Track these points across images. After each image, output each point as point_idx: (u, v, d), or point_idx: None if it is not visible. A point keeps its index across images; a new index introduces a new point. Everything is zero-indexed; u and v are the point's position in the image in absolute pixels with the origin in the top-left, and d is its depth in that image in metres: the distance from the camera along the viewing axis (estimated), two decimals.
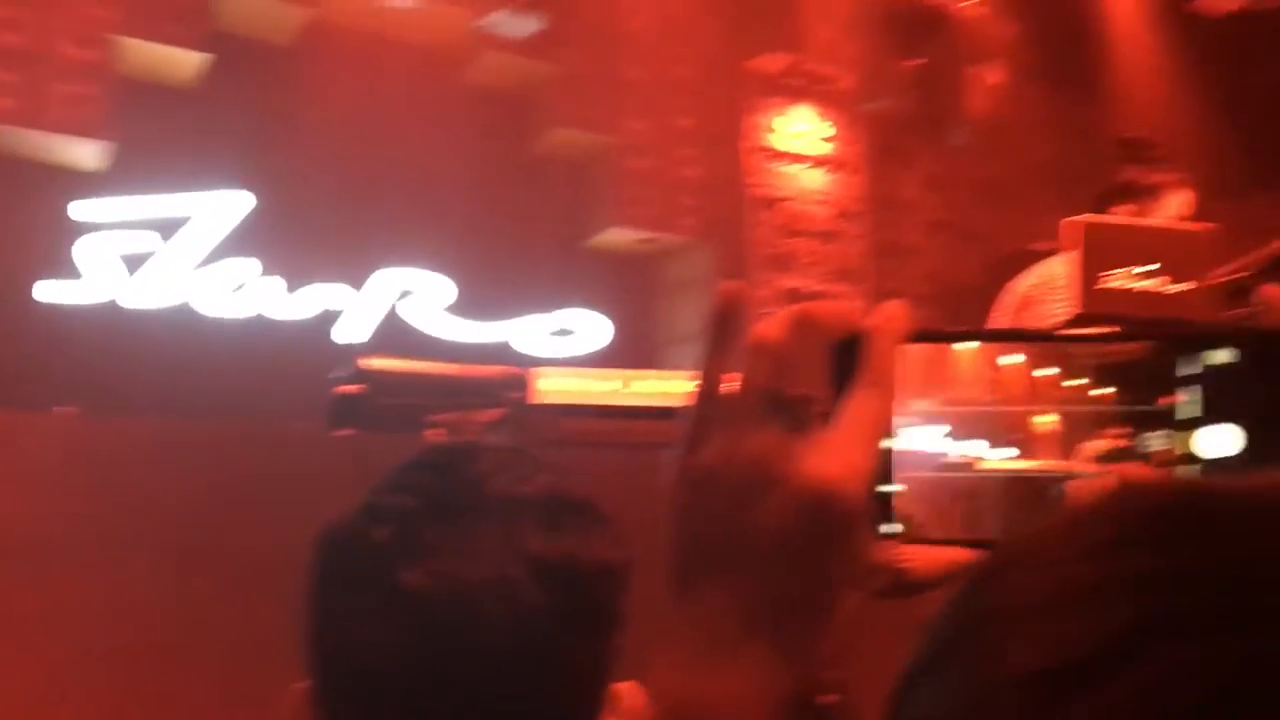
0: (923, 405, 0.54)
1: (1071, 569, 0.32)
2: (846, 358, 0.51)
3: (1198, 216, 3.14)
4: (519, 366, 3.85)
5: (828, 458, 0.49)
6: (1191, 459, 0.51)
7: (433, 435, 2.91)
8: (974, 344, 0.54)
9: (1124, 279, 2.57)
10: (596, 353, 6.22)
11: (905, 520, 0.53)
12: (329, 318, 5.89)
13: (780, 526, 0.49)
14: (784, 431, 0.50)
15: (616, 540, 0.89)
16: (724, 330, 0.54)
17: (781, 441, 0.50)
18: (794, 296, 6.14)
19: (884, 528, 0.53)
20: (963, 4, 5.83)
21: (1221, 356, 0.51)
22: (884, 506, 0.53)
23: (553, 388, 3.43)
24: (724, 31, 6.87)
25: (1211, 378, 0.51)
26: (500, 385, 3.31)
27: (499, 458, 0.91)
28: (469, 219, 6.08)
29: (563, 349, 6.23)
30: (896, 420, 0.52)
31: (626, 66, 6.62)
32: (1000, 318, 3.12)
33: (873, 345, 0.51)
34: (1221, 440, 0.51)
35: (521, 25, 5.45)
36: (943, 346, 0.54)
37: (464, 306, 6.17)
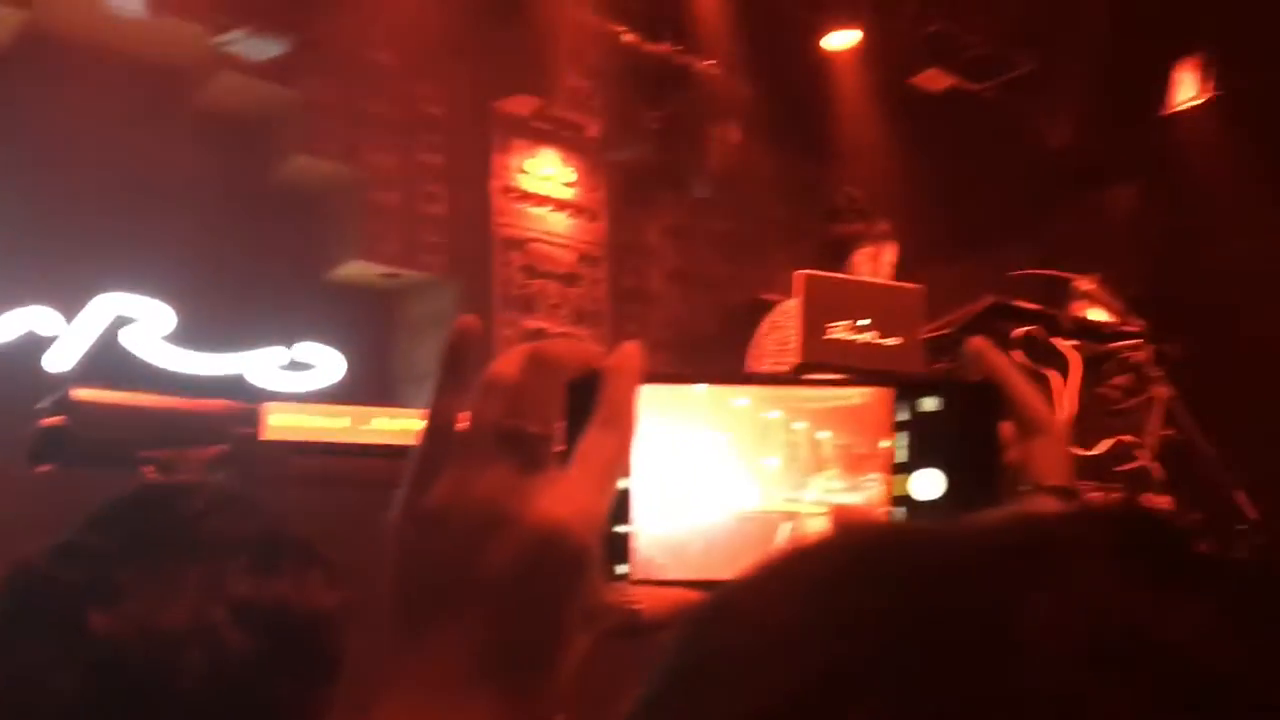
0: (658, 446, 0.54)
1: (779, 612, 0.32)
2: (583, 397, 0.50)
3: (909, 277, 3.37)
4: (250, 401, 3.68)
5: (560, 497, 0.48)
6: (904, 501, 0.54)
7: (146, 473, 2.73)
8: (708, 386, 0.55)
9: (843, 331, 2.73)
10: (332, 388, 6.04)
11: (638, 561, 0.54)
12: (37, 343, 5.47)
13: (510, 566, 0.47)
14: (516, 470, 0.49)
15: (333, 583, 0.86)
16: (457, 365, 0.52)
17: (513, 480, 0.48)
18: (537, 338, 6.17)
19: (617, 568, 0.53)
20: (704, 64, 6.07)
21: (929, 405, 0.54)
22: (618, 547, 0.53)
23: (284, 424, 3.28)
24: (474, 71, 6.88)
25: (919, 424, 0.54)
26: (225, 420, 3.14)
27: (211, 497, 0.86)
28: (199, 245, 5.78)
29: (298, 384, 6.01)
30: (633, 460, 0.52)
31: (373, 99, 6.51)
32: (752, 354, 3.25)
33: (609, 385, 0.50)
34: (932, 483, 0.54)
35: (262, 47, 5.25)
36: (680, 388, 0.54)
37: (194, 337, 5.85)
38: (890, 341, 2.70)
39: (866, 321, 2.75)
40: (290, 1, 4.95)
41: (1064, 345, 3.19)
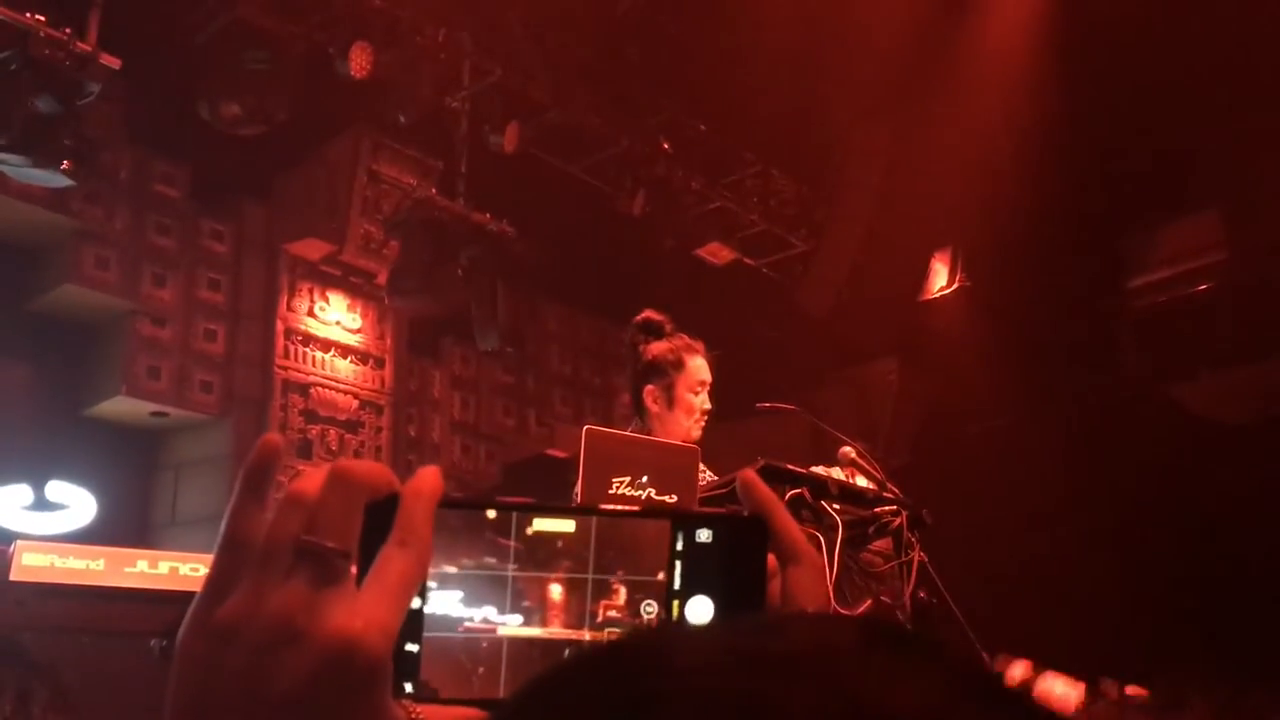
0: (449, 569, 0.57)
1: (564, 708, 0.36)
2: (381, 517, 0.52)
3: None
4: None
5: (355, 613, 0.49)
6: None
7: None
8: (498, 512, 0.58)
9: (625, 487, 2.81)
10: (85, 529, 5.65)
11: (425, 678, 0.56)
12: None
13: (302, 680, 0.48)
14: (313, 585, 0.49)
15: (58, 709, 0.85)
16: (257, 481, 0.53)
17: (309, 595, 0.49)
18: None
19: (405, 685, 0.55)
20: (496, 222, 6.22)
21: (702, 536, 0.59)
22: (406, 664, 0.55)
23: (36, 564, 3.05)
24: (265, 212, 6.82)
25: (692, 554, 0.59)
26: None
27: None
28: None
29: (46, 524, 5.60)
30: (425, 581, 0.54)
31: (154, 231, 6.34)
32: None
33: (406, 506, 0.52)
34: (703, 609, 0.59)
35: (48, 179, 5.05)
36: (474, 513, 0.58)
37: None
38: (668, 498, 2.79)
39: (645, 479, 2.84)
40: (82, 137, 4.81)
41: (830, 509, 3.36)
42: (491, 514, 0.58)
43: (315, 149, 6.65)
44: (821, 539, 3.22)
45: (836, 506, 3.41)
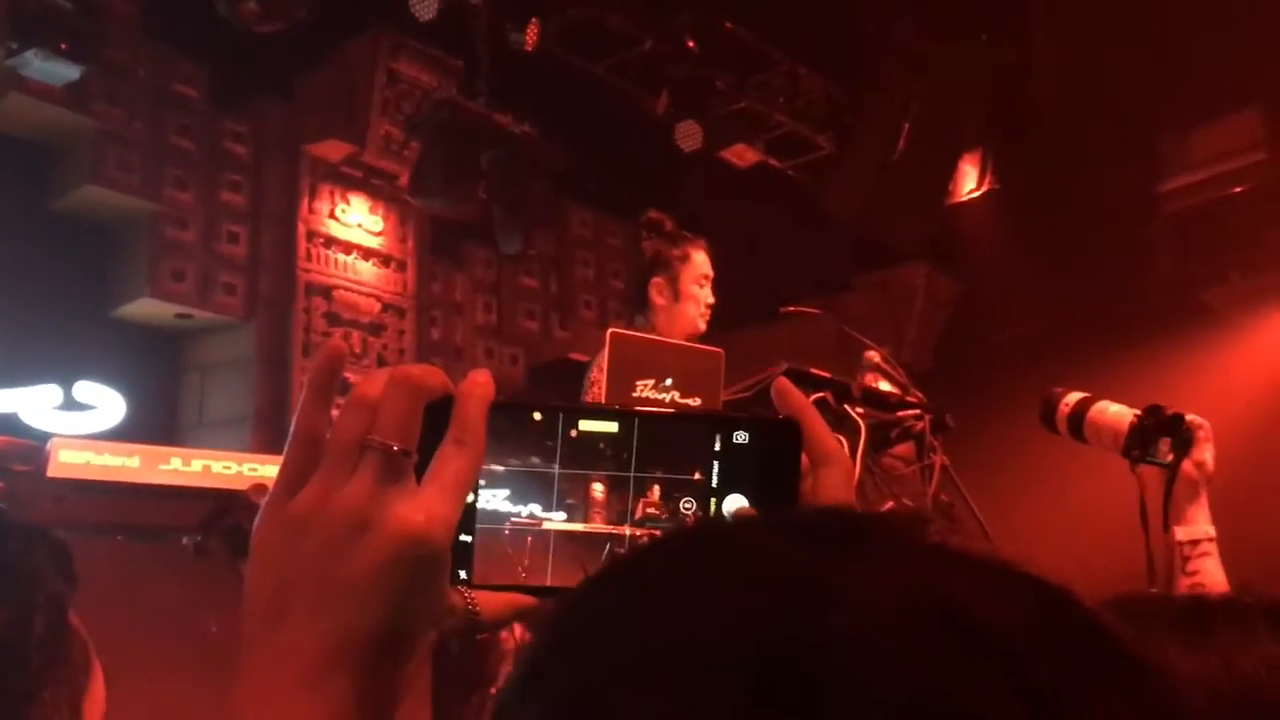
0: (497, 467, 0.60)
1: (651, 592, 0.39)
2: (438, 417, 0.56)
3: (708, 341, 3.48)
4: (27, 439, 3.46)
5: (416, 507, 0.53)
6: None
7: None
8: (549, 414, 0.61)
9: (649, 390, 2.81)
10: (115, 429, 5.73)
11: (477, 567, 0.60)
12: None
13: (369, 568, 0.52)
14: (377, 481, 0.54)
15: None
16: (325, 384, 0.58)
17: (375, 490, 0.54)
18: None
19: (460, 573, 0.59)
20: (519, 124, 6.15)
21: (739, 437, 0.61)
22: (461, 554, 0.58)
23: (72, 461, 3.11)
24: (286, 113, 6.75)
25: (729, 455, 0.61)
26: (4, 456, 2.96)
27: None
28: None
29: (76, 424, 5.67)
30: (478, 476, 0.58)
31: (174, 132, 6.30)
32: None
33: (461, 407, 0.56)
34: (738, 506, 0.61)
35: (58, 71, 5.01)
36: (521, 414, 0.61)
37: None
38: (692, 401, 2.79)
39: (669, 381, 2.84)
40: (90, 26, 4.75)
41: (853, 412, 3.36)
42: (538, 416, 0.61)
43: (335, 48, 6.56)
44: (844, 442, 3.21)
45: (859, 410, 3.41)
